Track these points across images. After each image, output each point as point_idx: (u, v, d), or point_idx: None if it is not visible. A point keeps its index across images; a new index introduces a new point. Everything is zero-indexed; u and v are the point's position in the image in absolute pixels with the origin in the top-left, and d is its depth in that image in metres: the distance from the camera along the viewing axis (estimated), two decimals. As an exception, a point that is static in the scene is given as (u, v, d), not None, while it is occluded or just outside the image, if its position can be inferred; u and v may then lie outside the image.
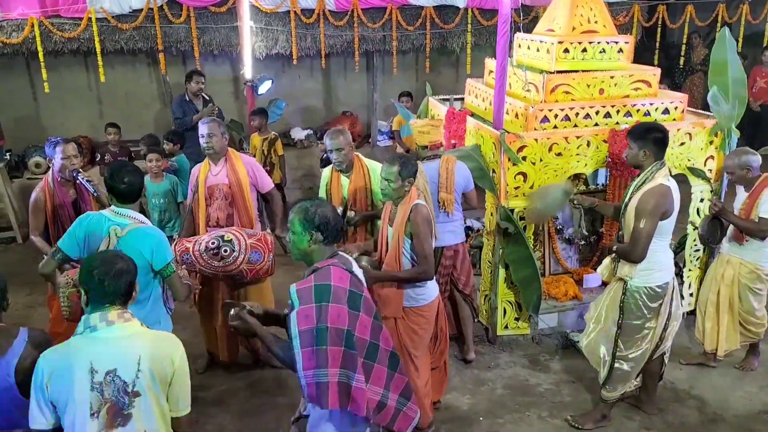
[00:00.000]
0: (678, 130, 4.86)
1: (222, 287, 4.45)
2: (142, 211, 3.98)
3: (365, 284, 2.83)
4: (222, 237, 4.02)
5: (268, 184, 4.72)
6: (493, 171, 4.73)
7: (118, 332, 2.36)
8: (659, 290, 3.79)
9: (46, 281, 3.74)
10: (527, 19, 7.94)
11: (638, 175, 3.81)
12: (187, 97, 6.89)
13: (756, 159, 4.30)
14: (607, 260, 4.06)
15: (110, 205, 3.43)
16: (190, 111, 6.81)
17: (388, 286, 3.68)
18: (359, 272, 2.84)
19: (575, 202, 4.45)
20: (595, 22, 4.96)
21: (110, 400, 2.31)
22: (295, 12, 7.62)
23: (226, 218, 4.52)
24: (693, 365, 4.75)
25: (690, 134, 4.89)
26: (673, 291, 3.87)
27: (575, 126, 4.78)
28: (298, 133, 8.95)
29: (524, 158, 4.59)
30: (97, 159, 7.05)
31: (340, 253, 2.81)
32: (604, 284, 5.25)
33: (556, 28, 5.01)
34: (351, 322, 2.61)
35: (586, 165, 4.79)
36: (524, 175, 4.65)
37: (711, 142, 4.96)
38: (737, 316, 4.55)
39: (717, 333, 4.61)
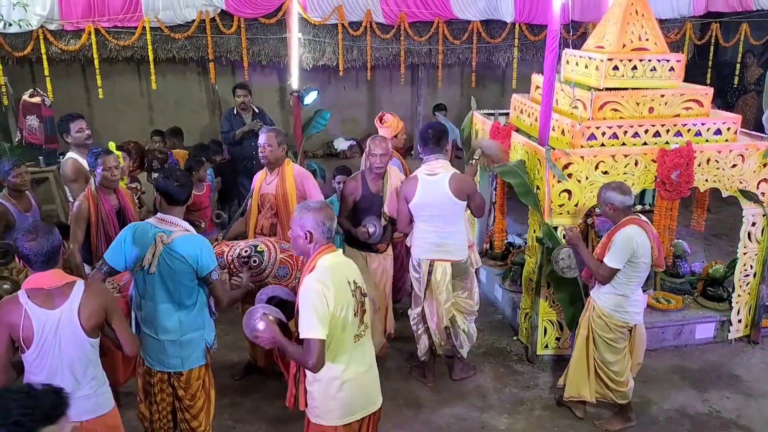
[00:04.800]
0: (730, 151, 4.74)
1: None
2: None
3: None
4: (255, 246, 4.03)
5: (316, 198, 4.70)
6: (537, 187, 4.68)
7: None
8: (416, 263, 4.45)
9: None
10: (576, 35, 7.87)
11: None
12: (235, 110, 6.97)
13: (621, 198, 3.90)
14: None
15: (156, 213, 3.47)
16: (237, 125, 6.88)
17: None
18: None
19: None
20: (647, 39, 4.88)
21: None
22: (342, 24, 7.71)
23: (269, 227, 4.57)
24: (733, 395, 4.59)
25: (743, 156, 4.77)
26: (430, 274, 4.36)
27: (623, 144, 4.70)
28: (341, 144, 9.04)
29: (570, 175, 4.53)
30: (146, 165, 7.23)
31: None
32: (648, 306, 5.14)
33: (605, 45, 4.95)
34: None
35: (633, 184, 4.69)
36: (569, 192, 4.59)
37: (765, 165, 4.82)
38: (593, 362, 4.13)
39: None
